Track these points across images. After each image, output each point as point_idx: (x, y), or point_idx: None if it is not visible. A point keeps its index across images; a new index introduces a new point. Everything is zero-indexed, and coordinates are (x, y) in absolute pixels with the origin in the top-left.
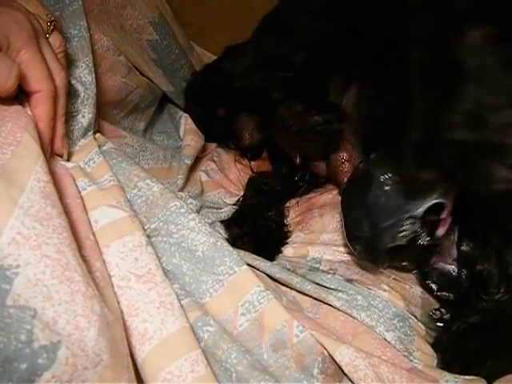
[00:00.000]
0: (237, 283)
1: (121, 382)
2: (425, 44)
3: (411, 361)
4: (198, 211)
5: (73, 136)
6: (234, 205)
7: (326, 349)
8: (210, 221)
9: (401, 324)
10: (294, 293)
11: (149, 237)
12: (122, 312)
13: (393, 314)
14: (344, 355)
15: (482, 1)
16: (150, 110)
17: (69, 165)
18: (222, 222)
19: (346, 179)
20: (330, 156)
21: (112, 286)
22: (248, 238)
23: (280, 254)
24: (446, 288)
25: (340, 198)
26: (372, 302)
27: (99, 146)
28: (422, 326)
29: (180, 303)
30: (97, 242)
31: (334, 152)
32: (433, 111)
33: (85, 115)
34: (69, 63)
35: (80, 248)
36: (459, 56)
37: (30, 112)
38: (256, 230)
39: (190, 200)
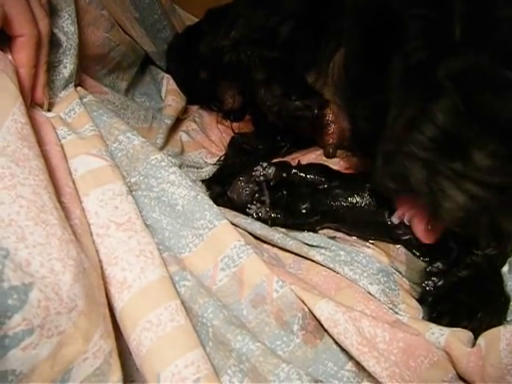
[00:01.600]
0: (216, 237)
1: (96, 331)
2: (411, 57)
3: (396, 313)
4: None
5: (54, 86)
6: (215, 164)
7: (306, 304)
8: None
9: (385, 279)
10: (275, 249)
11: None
12: (100, 261)
13: (377, 269)
14: (323, 310)
15: (476, 31)
16: (132, 70)
17: (49, 114)
18: (203, 181)
19: (331, 140)
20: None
21: (91, 234)
22: (229, 198)
23: None
24: (429, 255)
25: (324, 158)
26: (355, 258)
27: (80, 98)
28: (407, 282)
29: (160, 253)
30: (76, 189)
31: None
32: (408, 127)
33: (67, 66)
34: (52, 12)
35: (59, 195)
36: (441, 77)
37: (10, 57)
38: None
39: (170, 158)
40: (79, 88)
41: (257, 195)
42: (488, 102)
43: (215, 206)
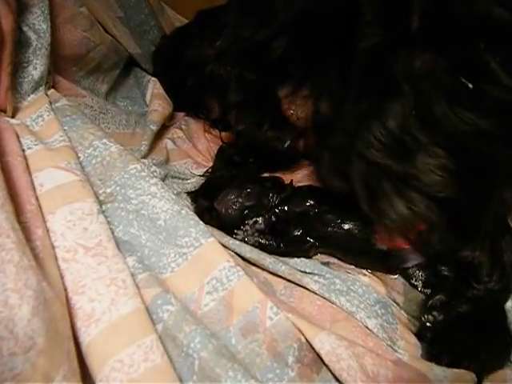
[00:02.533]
0: (203, 257)
1: (59, 372)
2: (370, 53)
3: (395, 351)
4: (162, 180)
5: (21, 89)
6: (202, 176)
7: (303, 334)
8: (175, 191)
9: (382, 311)
10: (265, 274)
11: (103, 203)
12: (65, 289)
13: (374, 300)
14: (325, 342)
15: (434, 27)
16: (114, 72)
17: (13, 121)
18: (188, 193)
19: None
20: (308, 133)
21: (56, 258)
22: (216, 212)
23: None
24: (431, 285)
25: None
26: (351, 287)
27: (50, 103)
28: (405, 314)
29: (134, 281)
30: (40, 207)
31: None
32: (359, 122)
33: (36, 67)
34: (21, 8)
35: (18, 213)
36: (399, 75)
37: None
38: None
39: (154, 168)
40: (52, 91)
41: (246, 212)
42: (442, 112)
43: (201, 221)
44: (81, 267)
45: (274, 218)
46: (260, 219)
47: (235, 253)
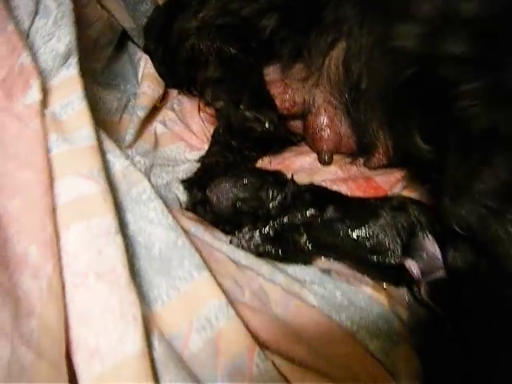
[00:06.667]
0: (194, 292)
1: None
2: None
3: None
4: (147, 171)
5: (47, 67)
6: (197, 161)
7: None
8: (164, 181)
9: (385, 328)
10: (261, 280)
11: None
12: (68, 317)
13: (377, 315)
14: None
15: None
16: (108, 49)
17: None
18: (182, 181)
19: (326, 147)
20: (307, 119)
21: (63, 288)
22: (211, 206)
23: None
24: (438, 300)
25: (319, 164)
26: (353, 299)
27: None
28: (408, 331)
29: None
30: (56, 232)
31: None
32: (468, 175)
33: (61, 39)
34: None
35: (29, 241)
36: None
37: None
38: None
39: (138, 158)
40: None
41: (239, 204)
42: None
43: (197, 253)
44: (89, 296)
45: (271, 233)
46: (256, 233)
47: (229, 258)
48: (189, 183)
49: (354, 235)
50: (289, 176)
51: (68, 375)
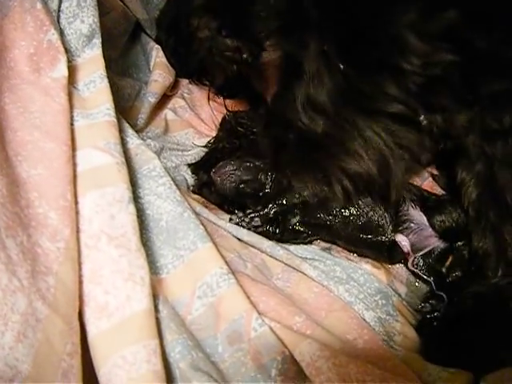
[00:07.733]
0: (197, 261)
1: None
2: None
3: (391, 347)
4: (157, 153)
5: (71, 48)
6: (204, 146)
7: (287, 347)
8: (173, 164)
9: (383, 302)
10: (263, 256)
11: None
12: (81, 275)
13: (375, 290)
14: (305, 354)
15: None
16: (123, 38)
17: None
18: (189, 165)
19: None
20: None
21: (79, 247)
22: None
23: None
24: (429, 270)
25: None
26: (352, 275)
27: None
28: (407, 306)
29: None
30: (73, 202)
31: None
32: None
33: (84, 19)
34: None
35: (49, 207)
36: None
37: None
38: None
39: (149, 141)
40: None
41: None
42: None
43: (201, 225)
44: (101, 256)
45: (271, 214)
46: (255, 215)
47: (232, 235)
48: (195, 166)
49: (346, 213)
50: None
51: None
